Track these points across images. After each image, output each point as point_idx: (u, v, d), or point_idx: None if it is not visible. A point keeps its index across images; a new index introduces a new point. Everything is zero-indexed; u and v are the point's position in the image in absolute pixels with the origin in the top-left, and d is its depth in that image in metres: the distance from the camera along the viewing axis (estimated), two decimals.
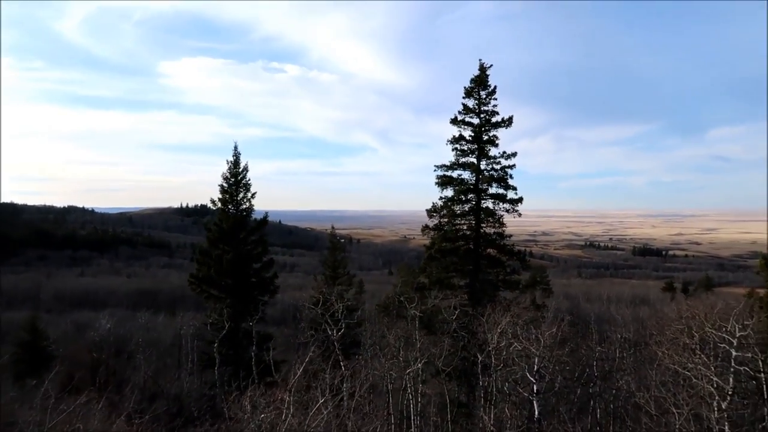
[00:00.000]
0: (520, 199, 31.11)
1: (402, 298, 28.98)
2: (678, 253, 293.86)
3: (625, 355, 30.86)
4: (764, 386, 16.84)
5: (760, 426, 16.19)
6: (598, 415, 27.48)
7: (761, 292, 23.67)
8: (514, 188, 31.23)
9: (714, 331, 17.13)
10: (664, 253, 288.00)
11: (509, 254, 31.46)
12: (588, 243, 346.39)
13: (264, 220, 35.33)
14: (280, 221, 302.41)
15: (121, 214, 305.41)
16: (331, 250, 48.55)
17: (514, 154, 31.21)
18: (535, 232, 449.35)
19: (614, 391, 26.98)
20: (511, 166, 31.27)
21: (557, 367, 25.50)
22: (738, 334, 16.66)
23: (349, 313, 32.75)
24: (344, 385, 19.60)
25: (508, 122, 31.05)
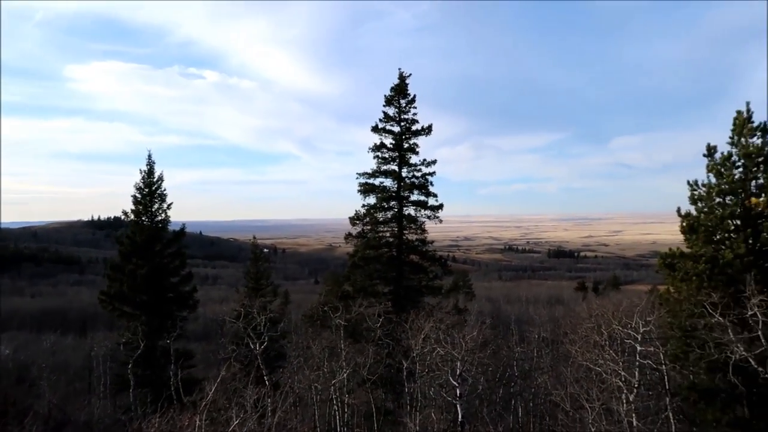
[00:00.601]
0: (441, 206, 31.74)
1: (326, 308, 28.60)
2: (588, 254, 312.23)
3: (542, 354, 32.26)
4: (666, 377, 18.03)
5: (663, 415, 17.31)
6: (520, 414, 28.48)
7: (662, 288, 25.47)
8: (435, 195, 31.83)
9: (621, 328, 18.18)
10: (576, 254, 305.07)
11: (431, 260, 31.95)
12: (507, 247, 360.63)
13: (181, 232, 33.72)
14: (200, 232, 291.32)
15: (24, 228, 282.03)
16: (253, 261, 47.16)
17: (434, 162, 31.83)
18: (457, 237, 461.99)
19: (533, 390, 28.08)
20: (432, 173, 31.85)
21: (480, 369, 26.11)
22: (642, 330, 17.76)
23: (273, 326, 31.88)
24: (268, 400, 18.99)
25: (428, 130, 31.62)
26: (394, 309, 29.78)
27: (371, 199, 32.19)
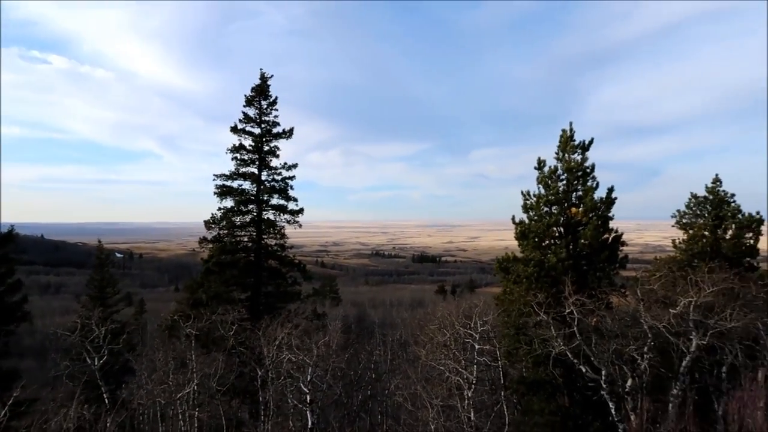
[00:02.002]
0: (301, 210, 31.48)
1: (176, 317, 26.93)
2: (449, 259, 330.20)
3: (396, 356, 33.31)
4: (500, 373, 19.53)
5: (496, 408, 18.69)
6: (375, 416, 29.09)
7: (498, 290, 27.60)
8: (296, 199, 31.50)
9: (462, 328, 19.35)
10: (438, 259, 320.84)
11: (290, 265, 31.52)
12: (374, 252, 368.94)
13: (8, 235, 29.60)
14: (42, 235, 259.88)
15: None
16: (97, 267, 43.00)
17: (295, 166, 31.48)
18: (327, 242, 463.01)
19: (386, 392, 28.83)
20: (292, 177, 31.49)
21: (339, 374, 26.18)
22: (480, 330, 19.06)
23: (114, 338, 29.32)
24: (108, 419, 17.37)
25: (289, 133, 31.22)
26: (252, 316, 28.89)
27: (229, 202, 30.99)
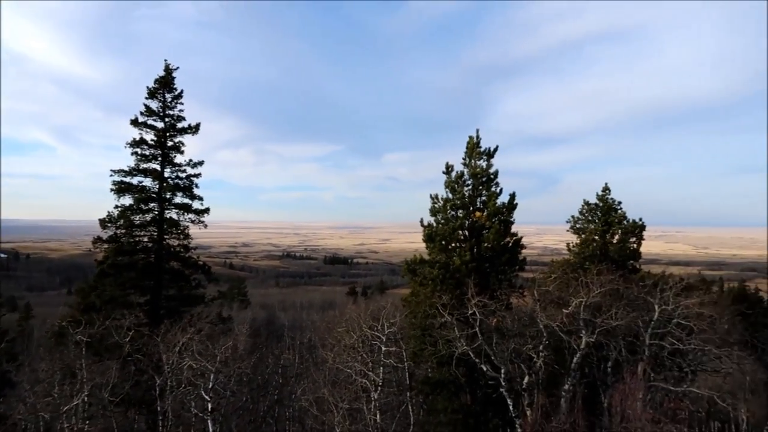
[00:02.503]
0: (207, 210, 30.18)
1: (66, 322, 24.88)
2: (361, 261, 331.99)
3: (305, 359, 32.87)
4: (407, 374, 19.83)
5: (401, 409, 18.95)
6: (283, 422, 28.49)
7: (406, 292, 28.08)
8: (201, 198, 30.13)
9: (369, 330, 19.44)
10: (349, 261, 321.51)
11: (194, 267, 30.11)
12: (285, 253, 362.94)
13: None
14: None
15: None
16: None
17: (201, 163, 30.16)
18: (236, 243, 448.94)
19: (294, 396, 28.33)
20: (198, 175, 30.12)
21: (245, 379, 25.37)
22: (387, 331, 19.25)
23: None
24: None
25: (195, 129, 29.85)
26: (151, 321, 27.24)
27: (127, 200, 29.05)
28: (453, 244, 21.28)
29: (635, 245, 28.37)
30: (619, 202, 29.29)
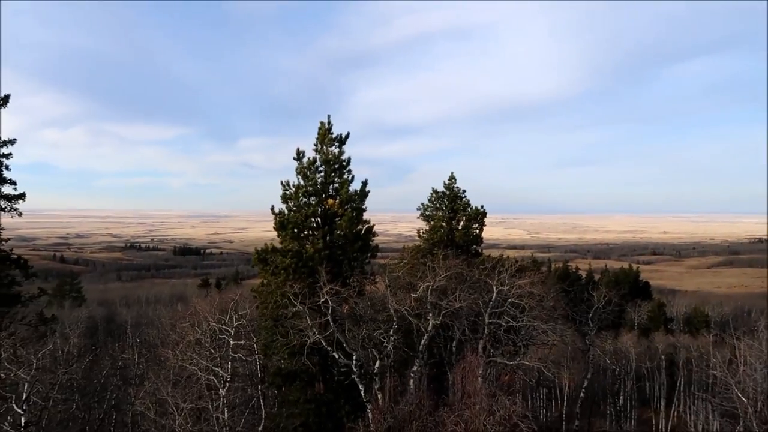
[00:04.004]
0: (22, 195, 26.17)
1: None
2: (214, 251, 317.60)
3: (146, 359, 30.27)
4: (258, 367, 19.02)
5: (252, 404, 18.16)
6: (120, 428, 25.97)
7: (257, 282, 27.04)
8: (13, 182, 26.04)
9: (216, 324, 18.28)
10: (202, 251, 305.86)
11: (6, 261, 26.02)
12: (129, 245, 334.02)
13: None
14: None
15: None
16: None
17: (12, 141, 25.97)
18: (68, 234, 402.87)
19: (133, 400, 25.94)
20: (9, 155, 25.95)
21: (75, 386, 22.53)
22: (236, 324, 18.25)
23: None
24: None
25: (3, 101, 25.63)
26: None
27: None
28: (305, 232, 20.83)
29: (478, 231, 30.29)
30: (464, 191, 31.03)
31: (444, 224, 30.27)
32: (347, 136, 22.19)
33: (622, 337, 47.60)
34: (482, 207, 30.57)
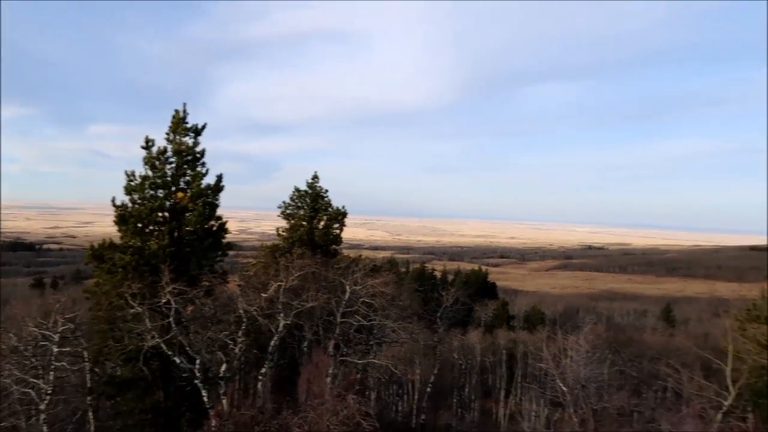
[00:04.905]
0: None
1: None
2: (53, 246, 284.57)
3: None
4: (87, 376, 17.15)
5: (77, 416, 16.34)
6: None
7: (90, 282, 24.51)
8: None
9: (37, 329, 16.18)
10: (38, 247, 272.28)
11: None
12: None
13: None
14: None
15: None
16: None
17: None
18: None
19: None
20: None
21: None
22: (61, 328, 16.31)
23: None
24: None
25: None
26: None
27: None
28: (150, 227, 19.24)
29: (338, 231, 30.43)
30: (326, 190, 30.98)
31: (304, 223, 29.96)
32: (204, 126, 20.98)
33: (470, 334, 51.01)
34: (343, 207, 30.78)
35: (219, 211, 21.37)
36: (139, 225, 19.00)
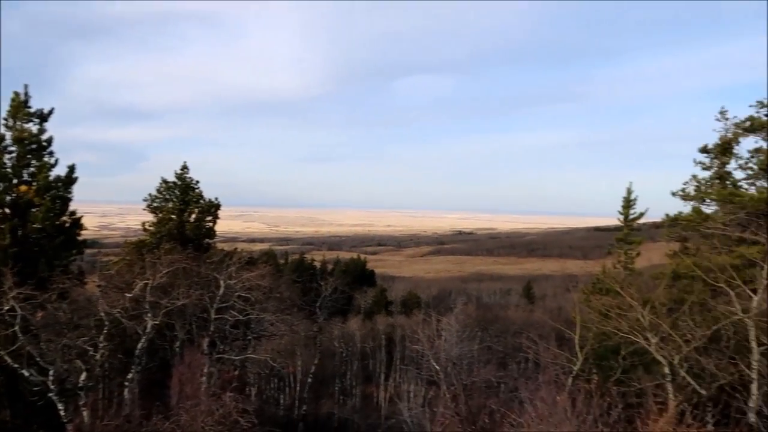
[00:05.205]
0: None
1: None
2: None
3: None
4: None
5: None
6: None
7: None
8: None
9: None
10: None
11: None
12: None
13: None
14: None
15: None
16: None
17: None
18: None
19: None
20: None
21: None
22: None
23: None
24: None
25: None
26: None
27: None
28: None
29: (211, 224, 29.14)
30: (197, 181, 29.42)
31: (174, 216, 28.25)
32: (51, 111, 18.91)
33: (350, 322, 51.76)
34: (216, 199, 29.51)
35: (74, 206, 19.48)
36: None
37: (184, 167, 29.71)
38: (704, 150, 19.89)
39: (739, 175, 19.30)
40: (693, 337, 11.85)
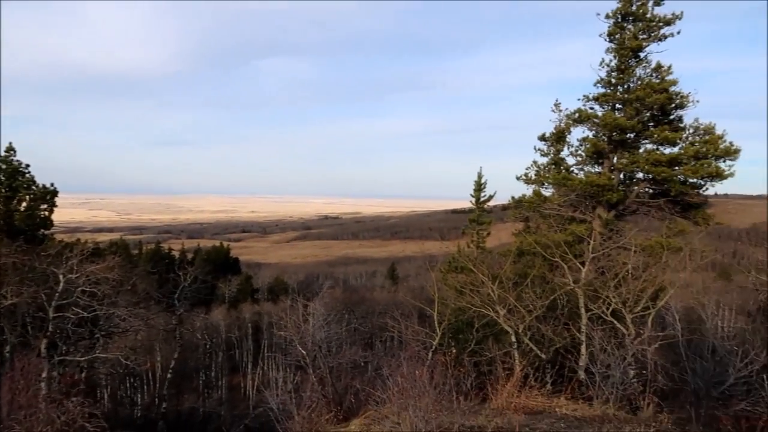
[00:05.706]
0: None
1: None
2: None
3: None
4: None
5: None
6: None
7: None
8: None
9: None
10: None
11: None
12: None
13: None
14: None
15: None
16: None
17: None
18: None
19: None
20: None
21: None
22: None
23: None
24: None
25: None
26: None
27: None
28: None
29: (47, 212, 26.10)
30: (27, 165, 26.11)
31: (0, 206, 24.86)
32: None
33: (214, 312, 49.77)
34: (53, 185, 26.42)
35: None
36: None
37: (10, 149, 26.19)
38: (543, 138, 21.98)
39: (571, 161, 21.68)
40: (534, 307, 13.12)
